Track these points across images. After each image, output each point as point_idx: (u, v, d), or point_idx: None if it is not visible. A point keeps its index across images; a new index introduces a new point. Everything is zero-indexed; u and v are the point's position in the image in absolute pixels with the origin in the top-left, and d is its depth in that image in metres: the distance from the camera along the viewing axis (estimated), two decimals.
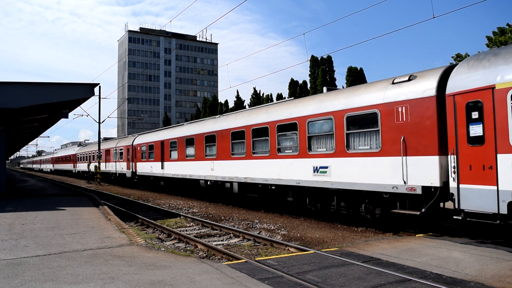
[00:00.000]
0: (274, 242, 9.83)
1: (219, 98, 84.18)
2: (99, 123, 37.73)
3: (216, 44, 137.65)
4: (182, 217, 14.98)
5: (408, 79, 9.67)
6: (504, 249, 7.90)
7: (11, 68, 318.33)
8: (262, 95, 68.07)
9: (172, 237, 11.36)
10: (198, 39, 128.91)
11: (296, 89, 61.45)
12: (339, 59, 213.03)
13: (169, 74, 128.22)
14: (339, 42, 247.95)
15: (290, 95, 58.09)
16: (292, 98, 17.78)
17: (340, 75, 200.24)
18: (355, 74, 54.56)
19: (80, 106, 21.97)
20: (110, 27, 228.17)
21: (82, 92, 17.35)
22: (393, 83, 10.07)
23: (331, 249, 8.46)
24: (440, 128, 8.85)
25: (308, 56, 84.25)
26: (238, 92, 71.97)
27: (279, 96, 62.30)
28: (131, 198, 22.39)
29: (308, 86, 60.52)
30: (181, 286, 5.63)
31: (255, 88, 68.22)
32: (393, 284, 5.77)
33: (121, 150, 33.09)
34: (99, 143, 37.51)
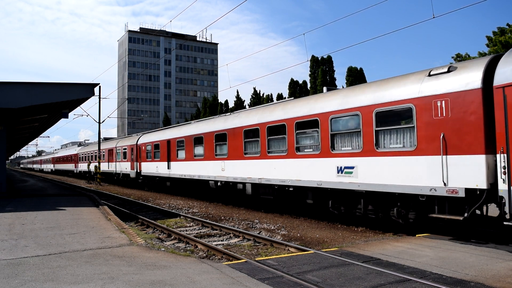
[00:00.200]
0: (274, 242, 9.83)
1: (219, 98, 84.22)
2: (99, 123, 37.73)
3: (216, 44, 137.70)
4: (182, 217, 14.98)
5: (447, 71, 8.89)
6: (504, 249, 7.89)
7: (11, 68, 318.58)
8: (262, 95, 68.06)
9: (172, 237, 11.36)
10: (198, 39, 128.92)
11: (296, 89, 61.44)
12: (339, 59, 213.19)
13: (169, 74, 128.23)
14: (339, 42, 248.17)
15: (290, 95, 58.09)
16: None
17: (340, 75, 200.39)
18: (355, 74, 54.54)
19: (80, 106, 21.99)
20: (110, 27, 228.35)
21: (82, 92, 17.35)
22: (429, 75, 9.26)
23: (331, 249, 8.46)
24: (487, 124, 8.07)
25: (308, 56, 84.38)
26: (238, 92, 72.01)
27: (279, 96, 62.28)
28: (131, 198, 22.39)
29: (308, 86, 60.51)
30: (181, 286, 5.63)
31: (255, 88, 68.23)
32: (393, 284, 5.77)
33: (124, 149, 32.24)
34: (99, 143, 37.53)
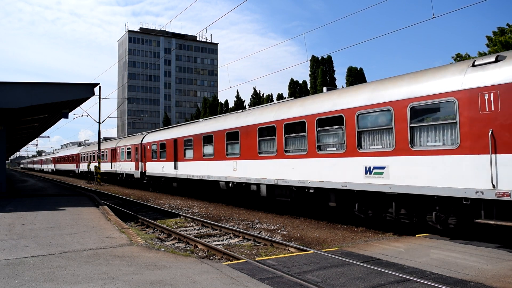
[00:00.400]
0: (274, 242, 9.83)
1: (219, 98, 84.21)
2: (99, 123, 37.73)
3: (216, 44, 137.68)
4: (182, 217, 14.98)
5: (495, 60, 8.16)
6: (504, 249, 7.89)
7: (11, 68, 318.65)
8: (262, 95, 68.09)
9: (172, 237, 11.36)
10: (198, 39, 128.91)
11: (296, 89, 61.47)
12: (339, 59, 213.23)
13: (169, 74, 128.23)
14: (339, 42, 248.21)
15: (290, 95, 58.09)
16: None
17: (340, 75, 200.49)
18: (355, 74, 54.56)
19: (80, 106, 21.98)
20: (110, 27, 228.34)
21: (82, 92, 17.35)
22: (473, 65, 8.51)
23: (331, 249, 8.46)
24: None
25: (308, 56, 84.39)
26: (238, 92, 72.02)
27: (280, 96, 62.28)
28: (131, 198, 22.39)
29: (308, 86, 60.54)
30: (181, 286, 5.63)
31: (255, 88, 68.26)
32: (393, 284, 5.77)
33: (128, 149, 31.19)
34: (99, 143, 37.53)
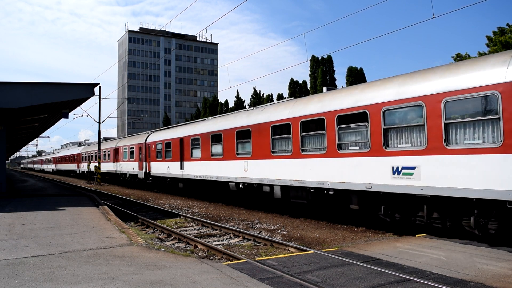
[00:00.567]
0: (274, 242, 9.83)
1: (219, 98, 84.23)
2: (99, 123, 37.73)
3: (216, 44, 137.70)
4: (182, 217, 14.98)
5: None
6: (504, 249, 7.89)
7: (11, 68, 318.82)
8: (262, 95, 68.12)
9: (172, 237, 11.36)
10: (198, 39, 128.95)
11: (296, 89, 61.49)
12: (339, 59, 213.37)
13: (169, 74, 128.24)
14: (339, 42, 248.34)
15: (290, 95, 58.10)
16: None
17: (340, 75, 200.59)
18: (355, 74, 54.58)
19: (80, 106, 21.98)
20: (110, 27, 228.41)
21: (82, 92, 17.35)
22: None
23: (331, 249, 8.46)
24: None
25: (308, 56, 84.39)
26: (238, 92, 72.06)
27: (280, 96, 62.30)
28: (131, 198, 22.39)
29: (308, 86, 60.56)
30: (181, 286, 5.63)
31: (255, 88, 68.30)
32: (393, 284, 5.77)
33: (132, 148, 30.18)
34: (99, 143, 37.51)
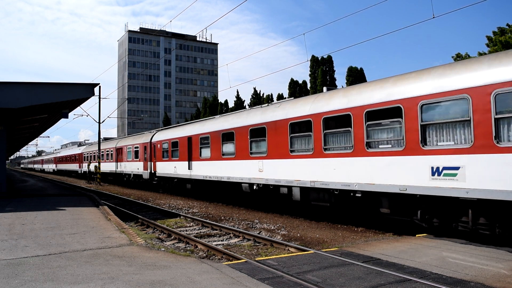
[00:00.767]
0: (274, 242, 9.82)
1: (219, 98, 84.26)
2: (99, 123, 37.73)
3: (216, 44, 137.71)
4: (182, 217, 14.98)
5: None
6: (504, 249, 7.89)
7: (11, 68, 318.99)
8: (262, 95, 68.14)
9: (172, 237, 11.36)
10: (198, 39, 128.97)
11: (296, 89, 61.51)
12: (339, 59, 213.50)
13: (169, 74, 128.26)
14: (339, 42, 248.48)
15: (290, 95, 58.12)
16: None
17: (340, 75, 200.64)
18: (355, 74, 54.58)
19: (80, 106, 21.98)
20: (110, 27, 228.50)
21: (82, 92, 17.35)
22: None
23: (331, 249, 8.46)
24: None
25: (308, 56, 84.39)
26: (238, 92, 72.09)
27: (280, 96, 62.30)
28: (131, 198, 22.39)
29: (308, 86, 60.58)
30: (181, 286, 5.62)
31: (255, 88, 68.30)
32: (393, 284, 5.77)
33: (136, 148, 29.19)
34: (99, 143, 37.50)
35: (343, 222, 12.44)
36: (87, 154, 45.68)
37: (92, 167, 39.68)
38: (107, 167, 36.82)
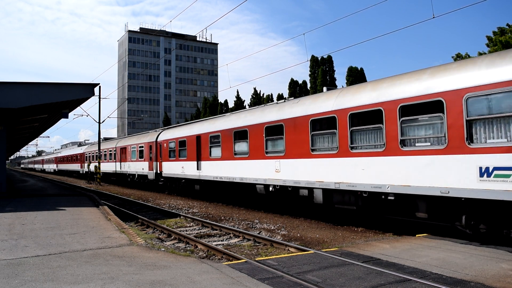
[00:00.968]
0: (274, 242, 9.82)
1: (219, 98, 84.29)
2: (99, 123, 37.74)
3: (216, 44, 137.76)
4: (182, 217, 14.98)
5: None
6: (504, 249, 7.89)
7: (11, 68, 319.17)
8: (262, 95, 68.17)
9: (172, 237, 11.36)
10: (198, 39, 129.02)
11: (296, 89, 61.53)
12: (339, 59, 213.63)
13: (169, 74, 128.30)
14: (339, 42, 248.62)
15: (290, 95, 58.13)
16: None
17: (340, 75, 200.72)
18: (355, 74, 54.60)
19: (80, 106, 21.99)
20: (110, 27, 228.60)
21: (82, 92, 17.36)
22: None
23: (331, 249, 8.46)
24: None
25: (308, 56, 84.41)
26: (238, 92, 72.15)
27: (280, 96, 62.33)
28: (131, 198, 22.40)
29: (308, 86, 60.60)
30: (181, 286, 5.63)
31: (255, 88, 68.34)
32: (393, 284, 5.77)
33: (141, 147, 28.29)
34: (99, 143, 37.49)
35: (343, 222, 12.44)
36: (89, 154, 44.70)
37: (92, 167, 39.58)
38: (110, 167, 35.91)
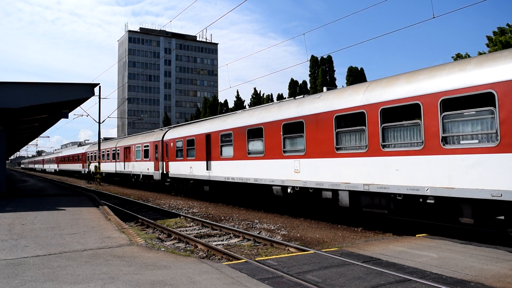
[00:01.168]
0: (274, 242, 9.82)
1: (219, 98, 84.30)
2: (99, 123, 37.75)
3: (216, 44, 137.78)
4: (182, 217, 14.98)
5: None
6: (504, 249, 7.89)
7: (11, 68, 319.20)
8: (262, 95, 68.17)
9: (172, 237, 11.36)
10: (198, 39, 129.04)
11: (296, 89, 61.54)
12: (339, 59, 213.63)
13: (169, 74, 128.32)
14: (339, 42, 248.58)
15: (290, 95, 58.14)
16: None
17: (340, 75, 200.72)
18: (355, 74, 54.61)
19: (80, 106, 21.99)
20: (110, 27, 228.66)
21: (82, 92, 17.36)
22: None
23: (331, 249, 8.46)
24: None
25: (308, 56, 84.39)
26: (238, 92, 72.18)
27: (280, 96, 62.35)
28: (131, 198, 22.40)
29: (308, 86, 60.60)
30: (181, 286, 5.63)
31: (255, 88, 68.38)
32: (393, 284, 5.77)
33: (146, 147, 27.37)
34: (99, 143, 37.50)
35: (343, 222, 12.44)
36: (91, 153, 43.63)
37: (92, 167, 39.51)
38: (112, 167, 35.17)
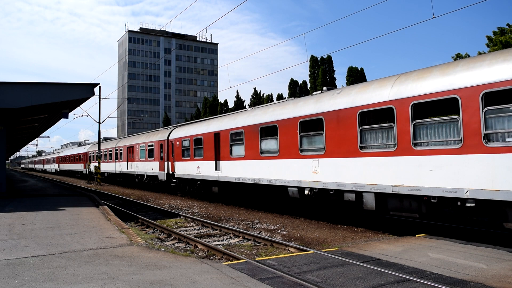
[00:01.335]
0: (274, 242, 9.82)
1: (219, 98, 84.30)
2: (99, 123, 37.74)
3: (216, 44, 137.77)
4: (182, 217, 14.98)
5: None
6: (504, 249, 7.89)
7: (11, 68, 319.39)
8: (262, 95, 68.17)
9: (172, 237, 11.36)
10: (198, 39, 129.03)
11: (296, 89, 61.54)
12: (339, 59, 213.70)
13: (169, 74, 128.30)
14: (339, 42, 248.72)
15: (290, 95, 58.14)
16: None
17: (340, 75, 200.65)
18: (355, 74, 54.59)
19: (80, 106, 21.99)
20: (109, 27, 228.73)
21: (82, 92, 17.36)
22: None
23: (331, 249, 8.46)
24: None
25: (308, 56, 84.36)
26: (238, 92, 72.18)
27: (280, 96, 62.35)
28: (131, 198, 22.39)
29: (308, 86, 60.59)
30: (181, 286, 5.63)
31: (255, 88, 68.36)
32: (393, 284, 5.77)
33: (150, 146, 26.54)
34: (99, 143, 37.46)
35: (343, 222, 12.44)
36: (93, 153, 42.38)
37: (92, 167, 39.46)
38: (114, 167, 34.64)
